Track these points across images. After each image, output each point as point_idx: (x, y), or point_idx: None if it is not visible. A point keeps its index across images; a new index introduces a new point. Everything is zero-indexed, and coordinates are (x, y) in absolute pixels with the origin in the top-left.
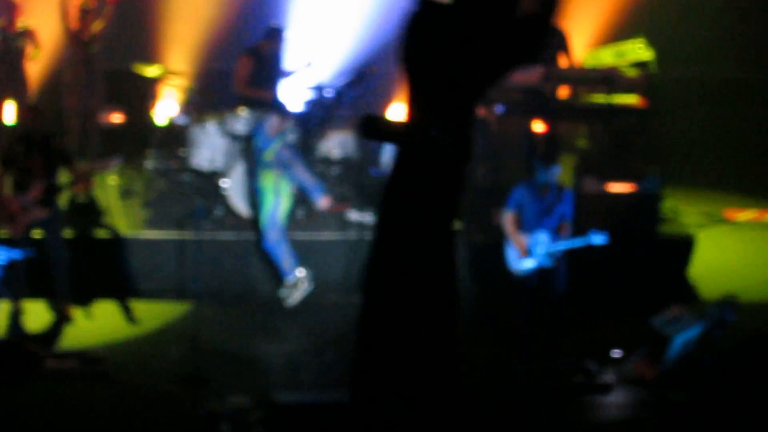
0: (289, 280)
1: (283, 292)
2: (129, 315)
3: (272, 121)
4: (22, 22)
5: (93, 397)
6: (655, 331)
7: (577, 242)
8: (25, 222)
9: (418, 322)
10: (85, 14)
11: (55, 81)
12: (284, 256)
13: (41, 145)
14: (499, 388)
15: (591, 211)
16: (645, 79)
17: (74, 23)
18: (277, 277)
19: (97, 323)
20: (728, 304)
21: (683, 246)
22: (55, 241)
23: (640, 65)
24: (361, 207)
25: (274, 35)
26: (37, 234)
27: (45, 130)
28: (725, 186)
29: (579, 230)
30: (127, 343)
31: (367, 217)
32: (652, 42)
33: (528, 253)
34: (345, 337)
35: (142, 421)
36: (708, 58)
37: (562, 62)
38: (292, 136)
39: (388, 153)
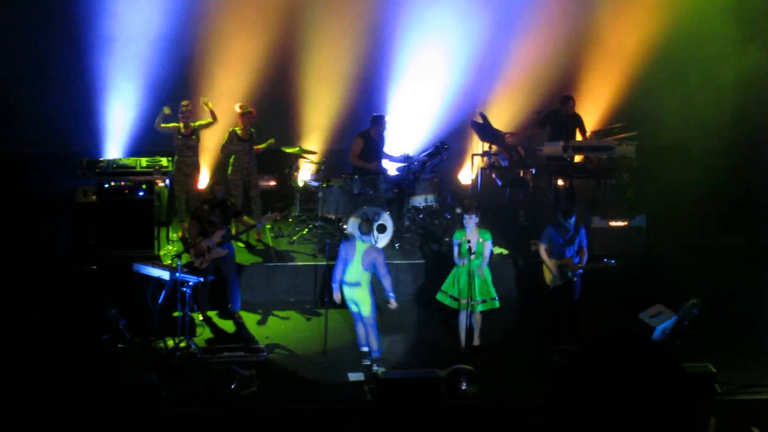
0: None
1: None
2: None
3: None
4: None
5: (256, 374)
6: (642, 322)
7: (595, 265)
8: (209, 258)
9: None
10: (246, 119)
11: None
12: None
13: (221, 205)
14: (538, 362)
15: (598, 240)
16: (633, 149)
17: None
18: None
19: (259, 322)
20: (694, 304)
21: (662, 265)
22: (230, 270)
23: (630, 139)
24: (439, 240)
25: (378, 121)
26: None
27: (223, 195)
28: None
29: (591, 254)
30: (277, 338)
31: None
32: (639, 120)
33: (559, 272)
34: (428, 333)
35: (293, 390)
36: (677, 130)
37: (578, 137)
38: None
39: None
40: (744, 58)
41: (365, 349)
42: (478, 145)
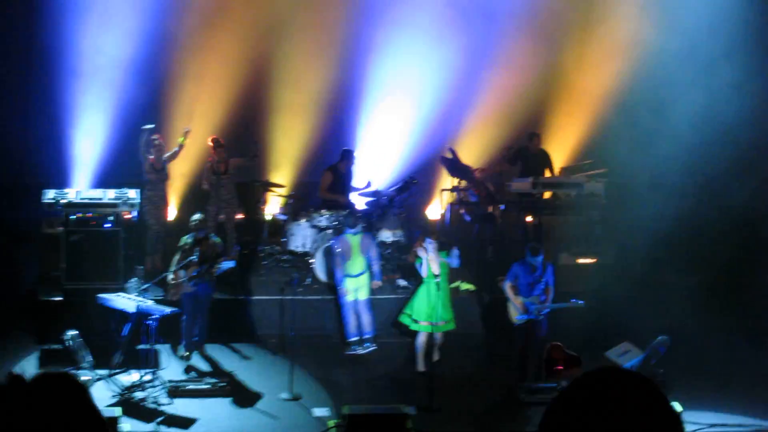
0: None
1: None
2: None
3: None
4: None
5: (221, 408)
6: (609, 361)
7: (562, 305)
8: (178, 291)
9: None
10: (218, 152)
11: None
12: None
13: (204, 242)
14: (503, 399)
15: (566, 278)
16: (602, 186)
17: (212, 162)
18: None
19: (224, 357)
20: (662, 342)
21: (629, 302)
22: (203, 306)
23: (599, 176)
24: (405, 276)
25: (347, 156)
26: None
27: (209, 232)
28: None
29: (558, 291)
30: (242, 372)
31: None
32: (607, 158)
33: (525, 310)
34: (393, 367)
35: (257, 426)
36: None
37: (547, 174)
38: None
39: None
40: (696, 101)
41: (354, 338)
42: (447, 181)
